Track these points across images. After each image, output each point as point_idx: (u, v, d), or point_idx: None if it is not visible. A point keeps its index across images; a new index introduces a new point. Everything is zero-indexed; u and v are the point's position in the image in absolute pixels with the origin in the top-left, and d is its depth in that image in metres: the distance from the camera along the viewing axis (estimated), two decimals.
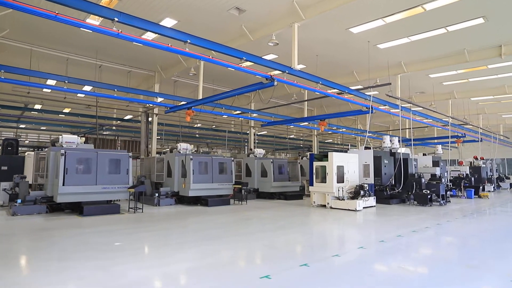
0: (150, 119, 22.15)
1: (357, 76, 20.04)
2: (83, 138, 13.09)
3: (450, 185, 21.45)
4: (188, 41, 9.32)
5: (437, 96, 24.71)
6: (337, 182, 13.70)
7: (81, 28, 13.07)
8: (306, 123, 22.74)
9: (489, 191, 25.44)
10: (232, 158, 16.03)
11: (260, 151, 19.12)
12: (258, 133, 42.29)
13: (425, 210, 13.22)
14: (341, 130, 32.36)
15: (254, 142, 31.97)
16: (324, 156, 14.41)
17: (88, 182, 11.38)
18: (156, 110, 22.21)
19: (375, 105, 18.03)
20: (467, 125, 26.70)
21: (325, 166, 13.87)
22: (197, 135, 37.27)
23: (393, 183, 16.51)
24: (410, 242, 7.39)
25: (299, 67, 13.59)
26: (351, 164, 14.57)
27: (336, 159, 13.78)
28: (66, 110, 28.05)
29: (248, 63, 14.32)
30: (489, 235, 8.43)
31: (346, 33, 14.46)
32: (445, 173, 22.08)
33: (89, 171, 11.54)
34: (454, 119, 24.49)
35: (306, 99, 21.59)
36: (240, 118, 29.17)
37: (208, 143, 43.84)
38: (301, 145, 45.59)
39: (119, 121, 28.23)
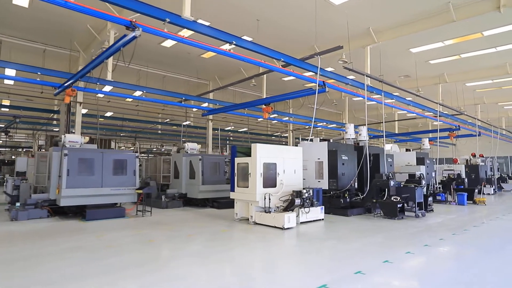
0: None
1: (318, 50, 15.90)
2: None
3: (439, 187, 17.33)
4: None
5: (424, 80, 20.54)
6: (264, 187, 9.59)
7: None
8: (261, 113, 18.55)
9: (489, 194, 21.27)
10: (136, 155, 11.94)
11: (192, 146, 15.02)
12: (239, 130, 38.32)
13: (389, 227, 9.11)
14: (321, 124, 28.40)
15: (220, 139, 27.96)
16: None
17: None
18: (80, 98, 18.13)
19: (332, 83, 14.03)
20: (461, 116, 22.48)
21: (248, 164, 9.78)
22: (159, 131, 33.19)
23: (356, 186, 12.40)
24: None
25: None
26: (290, 161, 10.45)
27: (262, 153, 9.67)
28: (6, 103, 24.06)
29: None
30: None
31: None
32: (433, 173, 17.93)
33: None
34: (445, 107, 20.34)
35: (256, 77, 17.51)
36: (194, 109, 25.31)
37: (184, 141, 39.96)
38: (284, 143, 41.54)
39: (53, 114, 24.22)
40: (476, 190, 16.01)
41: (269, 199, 9.35)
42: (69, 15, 13.22)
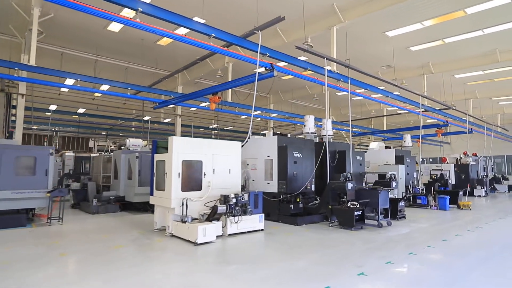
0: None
1: (283, 35, 14.05)
2: None
3: (422, 189, 15.43)
4: None
5: (408, 71, 18.67)
6: (184, 190, 7.71)
7: None
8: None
9: (480, 196, 19.41)
10: (51, 151, 10.06)
11: (135, 143, 13.16)
12: (225, 128, 36.34)
13: (337, 242, 7.22)
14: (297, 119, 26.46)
15: (197, 137, 26.05)
16: None
17: None
18: (23, 89, 16.18)
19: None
20: (451, 111, 20.58)
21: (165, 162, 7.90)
22: (133, 129, 31.32)
23: (314, 189, 10.51)
24: None
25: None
26: (223, 159, 8.56)
27: (181, 148, 7.78)
28: None
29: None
30: None
31: None
32: (414, 173, 16.05)
33: None
34: (432, 101, 18.44)
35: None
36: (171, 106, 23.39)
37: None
38: None
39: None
40: (461, 193, 14.09)
41: (187, 205, 7.47)
42: None
